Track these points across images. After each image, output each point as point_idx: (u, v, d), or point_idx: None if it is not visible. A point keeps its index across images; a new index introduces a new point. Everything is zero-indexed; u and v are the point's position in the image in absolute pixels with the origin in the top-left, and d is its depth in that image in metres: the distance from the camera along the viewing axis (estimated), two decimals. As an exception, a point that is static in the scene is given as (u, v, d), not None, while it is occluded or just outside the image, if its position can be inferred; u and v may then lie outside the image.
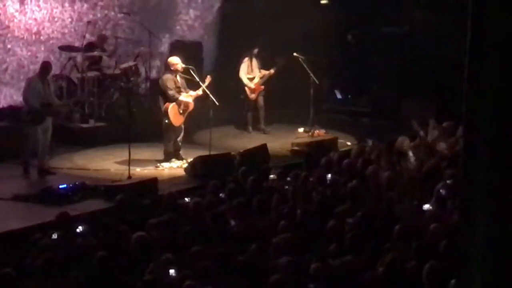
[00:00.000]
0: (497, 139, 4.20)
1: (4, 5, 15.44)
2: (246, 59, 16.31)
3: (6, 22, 15.48)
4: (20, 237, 9.73)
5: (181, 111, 13.62)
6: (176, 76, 13.64)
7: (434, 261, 7.39)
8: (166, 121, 13.58)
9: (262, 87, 16.33)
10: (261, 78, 16.25)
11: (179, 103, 13.56)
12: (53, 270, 7.94)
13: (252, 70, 16.30)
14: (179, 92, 13.61)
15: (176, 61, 13.74)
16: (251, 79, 16.26)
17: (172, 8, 18.21)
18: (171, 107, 13.50)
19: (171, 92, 13.50)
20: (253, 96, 16.27)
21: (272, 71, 16.23)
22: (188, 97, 13.63)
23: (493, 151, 4.20)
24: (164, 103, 13.60)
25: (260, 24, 18.10)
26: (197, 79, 13.64)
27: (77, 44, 15.77)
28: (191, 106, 13.65)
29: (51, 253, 8.16)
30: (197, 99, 13.72)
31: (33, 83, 12.98)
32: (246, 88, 16.23)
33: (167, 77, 13.63)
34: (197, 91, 13.67)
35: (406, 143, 12.40)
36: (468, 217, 4.35)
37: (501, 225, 4.29)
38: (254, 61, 16.32)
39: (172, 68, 13.66)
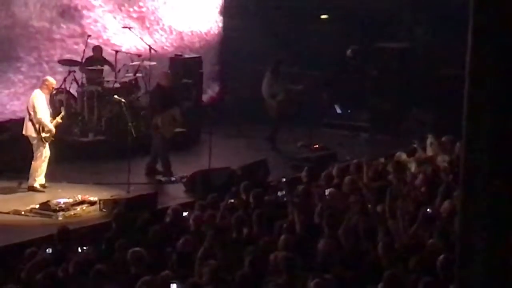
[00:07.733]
0: (497, 153, 4.21)
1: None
2: (267, 73, 16.27)
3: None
4: (19, 251, 9.73)
5: None
6: None
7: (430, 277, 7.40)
8: None
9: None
10: (285, 93, 16.16)
11: None
12: (53, 284, 7.92)
13: (275, 85, 16.18)
14: None
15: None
16: (274, 95, 16.19)
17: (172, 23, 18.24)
18: None
19: None
20: (273, 112, 16.15)
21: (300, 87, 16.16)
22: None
23: (493, 165, 4.22)
24: None
25: (260, 39, 18.13)
26: None
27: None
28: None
29: (53, 268, 8.15)
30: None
31: (44, 99, 12.89)
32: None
33: None
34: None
35: (403, 158, 12.43)
36: (468, 234, 4.35)
37: (500, 243, 4.29)
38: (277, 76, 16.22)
39: None
